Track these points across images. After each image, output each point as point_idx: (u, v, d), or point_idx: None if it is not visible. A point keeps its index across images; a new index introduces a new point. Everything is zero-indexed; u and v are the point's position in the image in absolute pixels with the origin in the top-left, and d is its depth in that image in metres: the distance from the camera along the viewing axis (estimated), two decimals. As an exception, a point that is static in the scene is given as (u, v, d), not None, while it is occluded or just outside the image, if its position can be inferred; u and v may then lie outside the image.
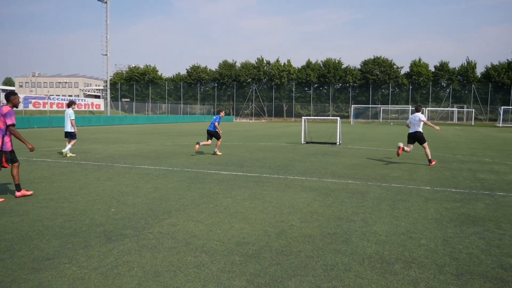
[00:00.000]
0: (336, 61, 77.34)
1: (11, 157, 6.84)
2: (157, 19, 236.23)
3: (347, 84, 77.34)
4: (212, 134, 13.69)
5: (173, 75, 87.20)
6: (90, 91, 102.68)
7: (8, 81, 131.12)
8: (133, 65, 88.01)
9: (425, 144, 11.52)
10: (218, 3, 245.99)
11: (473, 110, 66.17)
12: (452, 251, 4.38)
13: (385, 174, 9.71)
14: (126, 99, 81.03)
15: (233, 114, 78.19)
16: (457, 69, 72.79)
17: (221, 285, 3.51)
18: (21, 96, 45.87)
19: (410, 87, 74.07)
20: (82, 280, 3.61)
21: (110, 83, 64.32)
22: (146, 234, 4.92)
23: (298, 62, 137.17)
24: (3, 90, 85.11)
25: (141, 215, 5.77)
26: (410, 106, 65.07)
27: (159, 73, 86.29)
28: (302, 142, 19.12)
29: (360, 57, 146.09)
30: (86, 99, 58.69)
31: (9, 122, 6.59)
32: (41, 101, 47.03)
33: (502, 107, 61.27)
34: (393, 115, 74.55)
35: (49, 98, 47.22)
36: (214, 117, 13.95)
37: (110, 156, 12.98)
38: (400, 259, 4.15)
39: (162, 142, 18.98)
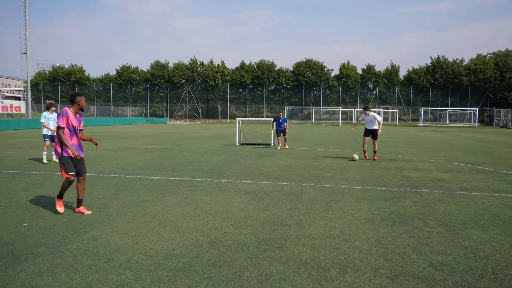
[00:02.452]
0: (270, 63, 78.49)
1: (77, 166, 6.04)
2: (83, 16, 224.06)
3: (281, 86, 78.81)
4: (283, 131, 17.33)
5: (102, 76, 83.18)
6: (9, 92, 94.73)
7: None
8: (58, 65, 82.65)
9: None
10: (149, 2, 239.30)
11: (397, 111, 70.57)
12: (385, 252, 4.38)
13: (318, 175, 9.79)
14: (50, 101, 75.82)
15: (166, 116, 76.32)
16: (382, 72, 77.20)
17: (146, 307, 3.15)
18: None
19: (340, 89, 77.22)
20: (-22, 312, 3.06)
21: (31, 84, 59.72)
22: (62, 251, 4.39)
23: (232, 64, 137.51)
24: None
25: (58, 229, 5.18)
26: (340, 107, 67.81)
27: (86, 73, 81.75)
28: (237, 144, 18.96)
29: (292, 60, 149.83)
30: (4, 101, 53.88)
31: (58, 123, 5.79)
32: (-51, 103, 42.45)
33: (423, 108, 66.01)
34: (325, 115, 77.22)
35: (-41, 99, 42.70)
36: (282, 119, 17.38)
37: (28, 163, 11.86)
38: (335, 263, 4.05)
39: (88, 146, 17.79)
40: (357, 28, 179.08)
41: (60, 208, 6.06)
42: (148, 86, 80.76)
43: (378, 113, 68.97)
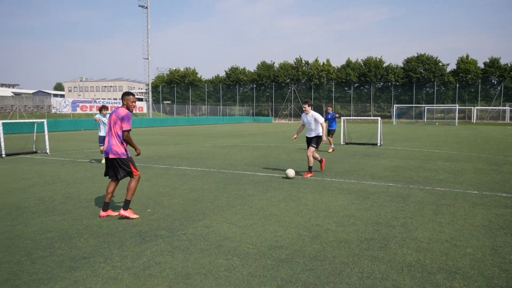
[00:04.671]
0: (377, 60, 75.49)
1: None
2: (197, 21, 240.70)
3: (389, 83, 75.30)
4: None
5: (212, 77, 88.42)
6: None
7: (59, 86, 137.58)
8: (174, 68, 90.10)
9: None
10: (256, 4, 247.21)
11: (527, 109, 62.36)
12: (502, 262, 4.05)
13: (428, 177, 9.27)
14: (167, 102, 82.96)
15: (272, 115, 78.15)
16: (509, 65, 68.86)
17: (252, 291, 3.41)
18: (69, 100, 48.06)
19: (457, 85, 70.99)
20: (115, 280, 3.63)
21: (151, 86, 66.17)
22: (179, 235, 4.92)
23: (337, 62, 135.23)
24: (54, 95, 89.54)
25: (175, 216, 5.79)
26: (456, 105, 62.34)
27: (198, 75, 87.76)
28: (341, 143, 18.74)
29: (403, 55, 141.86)
30: (130, 101, 60.47)
31: (126, 127, 5.80)
32: (87, 105, 49.16)
33: (560, 105, 57.40)
34: (439, 114, 71.68)
35: (95, 101, 49.22)
36: (331, 115, 16.53)
37: (149, 157, 13.25)
38: (443, 268, 3.89)
39: (200, 144, 19.21)
40: (478, 17, 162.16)
41: (135, 215, 5.75)
42: (255, 86, 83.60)
43: (488, 112, 61.76)
